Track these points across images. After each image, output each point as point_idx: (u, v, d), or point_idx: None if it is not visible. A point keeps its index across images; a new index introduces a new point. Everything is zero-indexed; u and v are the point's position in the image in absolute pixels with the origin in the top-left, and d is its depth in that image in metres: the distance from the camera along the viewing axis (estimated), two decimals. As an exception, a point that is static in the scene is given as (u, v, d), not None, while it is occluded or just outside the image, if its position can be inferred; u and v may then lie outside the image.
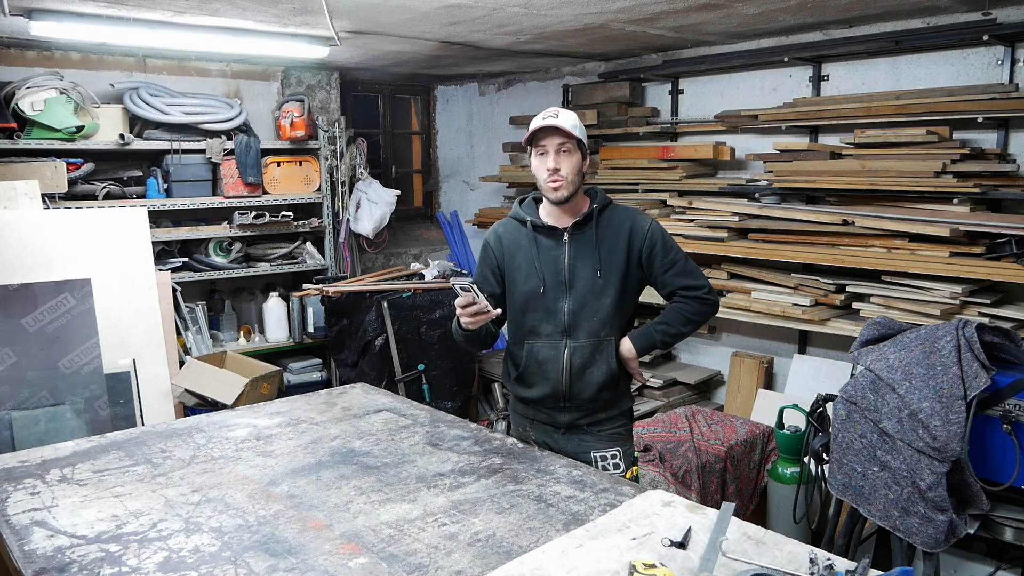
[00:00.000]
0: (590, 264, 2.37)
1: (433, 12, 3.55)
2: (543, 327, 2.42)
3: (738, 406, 4.38)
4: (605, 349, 2.40)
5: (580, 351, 2.39)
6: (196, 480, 2.14)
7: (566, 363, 2.40)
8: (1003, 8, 3.36)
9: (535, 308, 2.42)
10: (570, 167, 2.30)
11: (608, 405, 2.46)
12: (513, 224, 2.48)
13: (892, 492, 2.45)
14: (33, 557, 1.71)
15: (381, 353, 4.52)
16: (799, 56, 4.00)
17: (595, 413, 2.45)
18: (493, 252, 2.50)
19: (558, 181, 2.30)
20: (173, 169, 4.74)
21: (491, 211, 5.67)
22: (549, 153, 2.29)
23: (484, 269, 2.52)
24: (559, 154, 2.29)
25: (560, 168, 2.29)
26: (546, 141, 2.29)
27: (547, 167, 2.30)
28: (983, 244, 3.28)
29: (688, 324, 2.46)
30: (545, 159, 2.31)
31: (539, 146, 2.31)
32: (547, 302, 2.39)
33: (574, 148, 2.31)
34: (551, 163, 2.29)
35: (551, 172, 2.29)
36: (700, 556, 1.62)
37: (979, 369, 2.36)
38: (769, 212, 3.90)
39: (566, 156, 2.30)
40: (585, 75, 5.31)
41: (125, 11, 3.43)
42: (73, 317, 3.62)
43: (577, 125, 2.31)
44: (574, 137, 2.28)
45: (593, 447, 2.45)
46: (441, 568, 1.64)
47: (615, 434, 2.48)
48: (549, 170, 2.29)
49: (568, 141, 2.29)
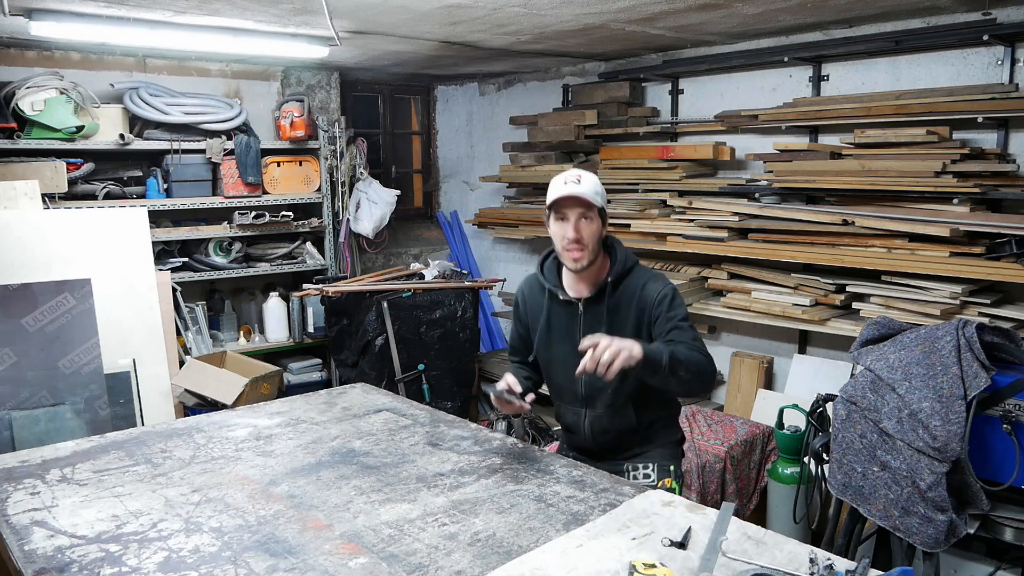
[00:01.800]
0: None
1: (433, 12, 3.55)
2: (564, 394, 2.45)
3: (738, 406, 4.38)
4: (624, 414, 2.38)
5: (599, 420, 2.40)
6: (196, 480, 2.14)
7: (587, 429, 2.43)
8: (1003, 8, 3.36)
9: (555, 376, 2.46)
10: (591, 235, 2.24)
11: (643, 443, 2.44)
12: (537, 286, 2.47)
13: (892, 492, 2.45)
14: (33, 557, 1.71)
15: (381, 353, 4.52)
16: (799, 56, 4.00)
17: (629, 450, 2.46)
18: (521, 313, 2.54)
19: (580, 251, 2.24)
20: (173, 169, 4.73)
21: (491, 211, 5.68)
22: (570, 221, 2.23)
23: (517, 328, 2.58)
24: (580, 222, 2.23)
25: (581, 238, 2.23)
26: (566, 208, 2.23)
27: (567, 235, 2.23)
28: (983, 244, 3.28)
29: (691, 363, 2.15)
30: (565, 226, 2.24)
31: (559, 212, 2.25)
32: (563, 373, 2.36)
33: (595, 216, 2.25)
34: (571, 233, 2.22)
35: (571, 241, 2.23)
36: (700, 556, 1.62)
37: (979, 369, 2.36)
38: (769, 212, 3.90)
39: (587, 224, 2.23)
40: (585, 75, 5.31)
41: (125, 11, 3.43)
42: (73, 317, 3.62)
43: (600, 192, 2.27)
44: (596, 206, 2.23)
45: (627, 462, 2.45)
46: (441, 568, 1.64)
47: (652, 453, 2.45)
48: (568, 238, 2.23)
49: (590, 210, 2.23)
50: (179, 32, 3.77)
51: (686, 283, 4.32)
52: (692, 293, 4.33)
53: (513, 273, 5.99)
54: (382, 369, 4.52)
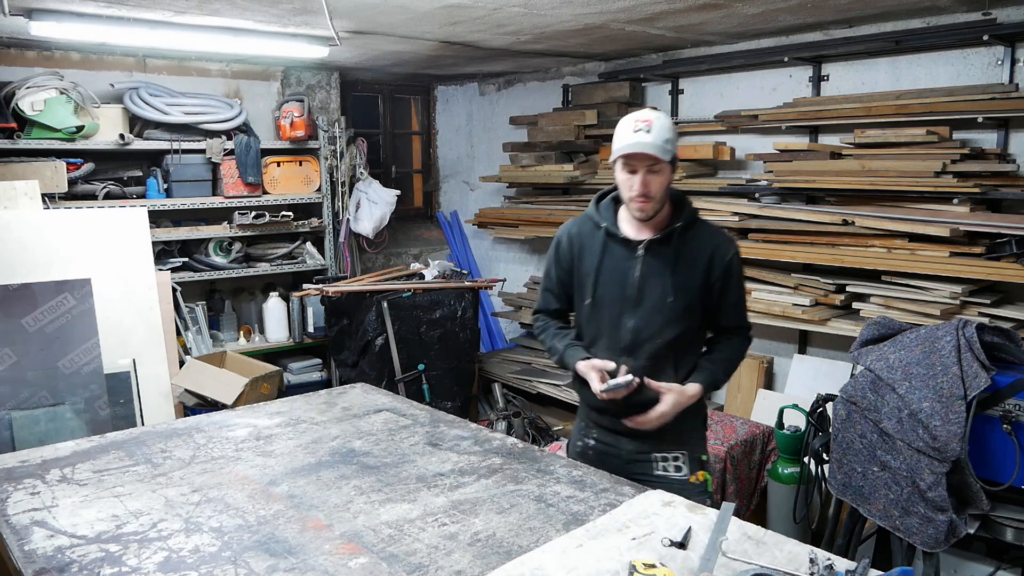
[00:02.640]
0: (661, 285, 2.20)
1: (433, 12, 3.55)
2: (601, 341, 2.28)
3: (738, 406, 4.38)
4: (664, 368, 2.23)
5: (639, 371, 2.19)
6: (196, 480, 2.14)
7: None
8: (1003, 8, 3.36)
9: (596, 319, 2.28)
10: (659, 187, 2.12)
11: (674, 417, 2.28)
12: (589, 225, 2.31)
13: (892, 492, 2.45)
14: (33, 557, 1.71)
15: (381, 353, 4.52)
16: (799, 56, 4.00)
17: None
18: (565, 254, 2.35)
19: (646, 202, 2.13)
20: (173, 169, 4.73)
21: (491, 211, 5.67)
22: (638, 173, 2.11)
23: (558, 272, 2.38)
24: (647, 176, 2.11)
25: (649, 191, 2.11)
26: (635, 161, 2.11)
27: (634, 189, 2.12)
28: (983, 244, 3.28)
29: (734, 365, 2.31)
30: (633, 179, 2.12)
31: (627, 163, 2.12)
32: (608, 317, 2.24)
33: (665, 167, 2.12)
34: (638, 186, 2.11)
35: (639, 195, 2.12)
36: (700, 556, 1.62)
37: (979, 369, 2.36)
38: (769, 212, 3.90)
39: (655, 177, 2.11)
40: (585, 75, 5.31)
41: (125, 11, 3.43)
42: (73, 317, 3.62)
43: (670, 139, 2.11)
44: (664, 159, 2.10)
45: (654, 448, 2.28)
46: (441, 568, 1.64)
47: (680, 434, 2.29)
48: (636, 192, 2.12)
49: (658, 163, 2.10)
50: (179, 32, 3.77)
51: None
52: (692, 293, 4.32)
53: (513, 273, 5.99)
54: (382, 369, 4.52)
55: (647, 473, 2.28)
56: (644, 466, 2.30)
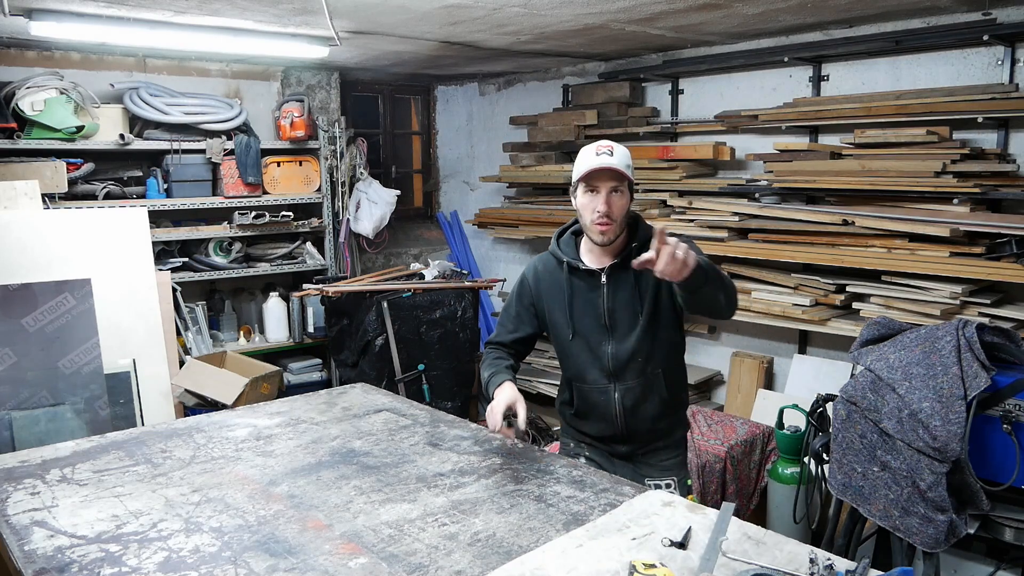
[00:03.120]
0: (630, 306, 2.28)
1: (433, 12, 3.55)
2: (588, 372, 2.35)
3: (738, 406, 4.38)
4: (655, 384, 2.32)
5: (631, 392, 2.32)
6: (196, 480, 2.14)
7: (618, 405, 2.34)
8: (1003, 8, 3.36)
9: (577, 354, 2.35)
10: (620, 208, 2.19)
11: (665, 434, 2.42)
12: (552, 262, 2.38)
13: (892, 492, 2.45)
14: (33, 557, 1.71)
15: (381, 353, 4.52)
16: (799, 56, 4.00)
17: (653, 443, 2.42)
18: (530, 289, 2.42)
19: (607, 224, 2.19)
20: (173, 169, 4.73)
21: (491, 211, 5.67)
22: (600, 194, 2.17)
23: (518, 307, 2.45)
24: (611, 195, 2.17)
25: (611, 211, 2.18)
26: (598, 181, 2.17)
27: (597, 209, 2.18)
28: (983, 244, 3.28)
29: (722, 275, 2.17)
30: (596, 199, 2.18)
31: (590, 184, 2.19)
32: (589, 347, 2.32)
33: (625, 189, 2.20)
34: (602, 206, 2.17)
35: (601, 215, 2.17)
36: (700, 556, 1.62)
37: (979, 369, 2.36)
38: (769, 212, 3.90)
39: (618, 197, 2.18)
40: (585, 75, 5.31)
41: (125, 11, 3.43)
42: (73, 317, 3.62)
43: (630, 164, 2.21)
44: (627, 178, 2.18)
45: (648, 475, 2.40)
46: (441, 568, 1.64)
47: (670, 462, 2.43)
48: (599, 212, 2.17)
49: (621, 183, 2.18)
50: (179, 32, 3.77)
51: (686, 283, 4.31)
52: (692, 293, 4.32)
53: (513, 273, 5.99)
54: (382, 369, 4.52)
55: None
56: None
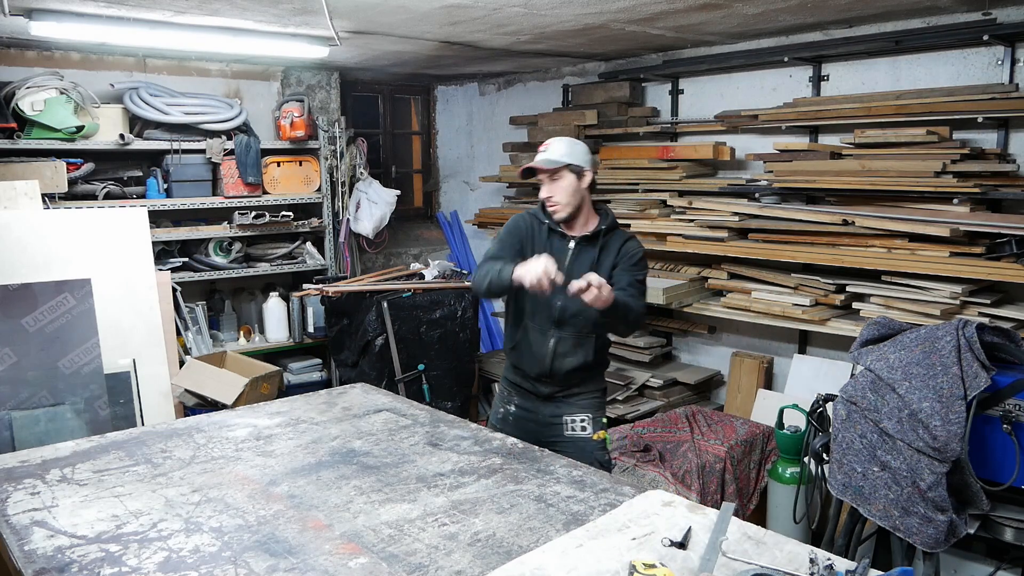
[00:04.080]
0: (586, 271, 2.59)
1: (433, 12, 3.55)
2: (537, 315, 2.79)
3: (738, 406, 4.38)
4: (584, 343, 2.78)
5: (564, 341, 2.77)
6: (196, 480, 2.14)
7: (551, 349, 2.77)
8: (1003, 8, 3.36)
9: (534, 297, 2.69)
10: (561, 190, 2.69)
11: (581, 383, 2.85)
12: (537, 221, 2.85)
13: (892, 492, 2.45)
14: (33, 557, 1.71)
15: (381, 353, 4.52)
16: (799, 56, 4.00)
17: (570, 388, 2.84)
18: (522, 230, 2.84)
19: (555, 206, 2.72)
20: (173, 169, 4.73)
21: (491, 211, 5.67)
22: (544, 183, 2.71)
23: (510, 239, 2.83)
24: (552, 182, 2.70)
25: (553, 195, 2.70)
26: (540, 174, 2.72)
27: (543, 195, 2.73)
28: (983, 244, 3.28)
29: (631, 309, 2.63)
30: (542, 187, 2.73)
31: (537, 177, 2.74)
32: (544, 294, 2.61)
33: (564, 173, 2.68)
34: (544, 192, 2.72)
35: (547, 198, 2.72)
36: (700, 556, 1.62)
37: (979, 369, 2.36)
38: (769, 212, 3.90)
39: (556, 183, 2.69)
40: (585, 75, 5.31)
41: (125, 11, 3.43)
42: (73, 317, 3.62)
43: (568, 152, 2.69)
44: (559, 166, 2.66)
45: (566, 412, 2.83)
46: (441, 568, 1.64)
47: (586, 403, 2.85)
48: (546, 196, 2.71)
49: (557, 172, 2.67)
50: (179, 32, 3.77)
51: (686, 283, 4.32)
52: (692, 293, 4.32)
53: (513, 273, 5.99)
54: (382, 369, 4.52)
55: (559, 435, 2.82)
56: (556, 428, 2.83)
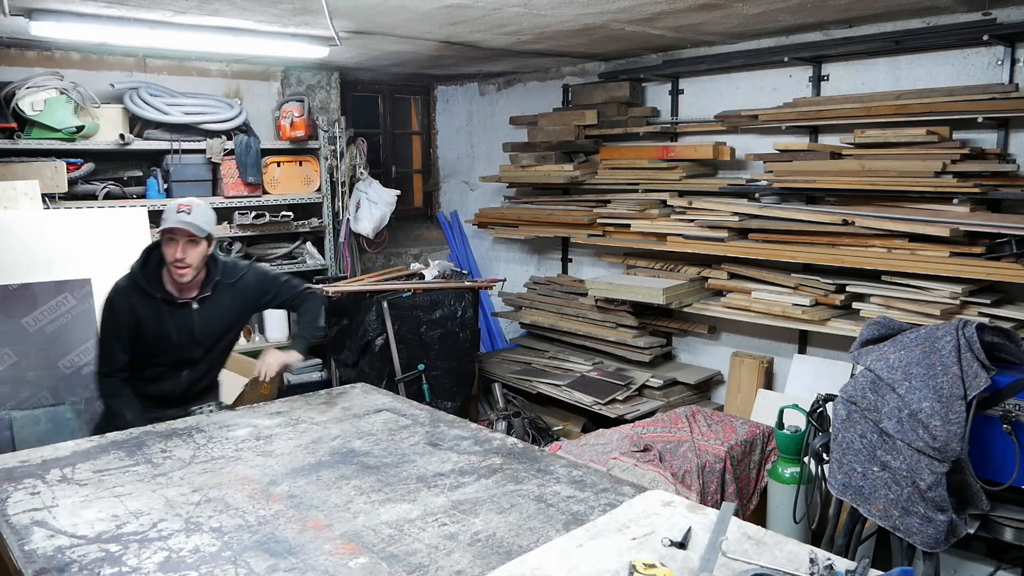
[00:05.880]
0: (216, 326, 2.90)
1: (433, 12, 3.55)
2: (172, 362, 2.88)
3: (738, 406, 4.37)
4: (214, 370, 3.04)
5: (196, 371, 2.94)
6: (196, 480, 2.14)
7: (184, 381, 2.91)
8: (1003, 8, 3.36)
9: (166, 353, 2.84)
10: (195, 255, 2.73)
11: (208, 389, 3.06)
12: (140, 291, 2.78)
13: (892, 492, 2.45)
14: (33, 557, 1.71)
15: (381, 353, 4.52)
16: (799, 56, 4.00)
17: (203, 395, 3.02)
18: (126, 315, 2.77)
19: (185, 269, 2.72)
20: (173, 169, 4.73)
21: (491, 211, 5.67)
22: (178, 243, 2.69)
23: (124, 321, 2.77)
24: (187, 246, 2.70)
25: (185, 258, 2.70)
26: (177, 235, 2.69)
27: (176, 256, 2.69)
28: (983, 244, 3.28)
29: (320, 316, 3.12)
30: (174, 248, 2.69)
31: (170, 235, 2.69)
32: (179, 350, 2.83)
33: (201, 241, 2.73)
34: (179, 254, 2.69)
35: (179, 260, 2.69)
36: (700, 556, 1.62)
37: (979, 369, 2.36)
38: (769, 212, 3.90)
39: (192, 247, 2.71)
40: (585, 75, 5.31)
41: (125, 11, 3.43)
42: (73, 317, 3.62)
43: (207, 221, 2.75)
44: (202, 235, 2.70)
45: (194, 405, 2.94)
46: (441, 568, 1.64)
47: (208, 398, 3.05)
48: (177, 258, 2.69)
49: (196, 238, 2.70)
50: (179, 32, 3.77)
51: (686, 283, 4.32)
52: (692, 293, 4.32)
53: (513, 273, 5.99)
54: (382, 369, 4.52)
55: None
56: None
